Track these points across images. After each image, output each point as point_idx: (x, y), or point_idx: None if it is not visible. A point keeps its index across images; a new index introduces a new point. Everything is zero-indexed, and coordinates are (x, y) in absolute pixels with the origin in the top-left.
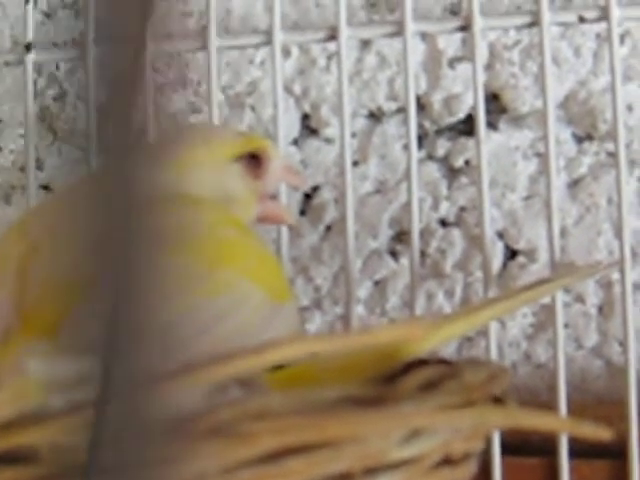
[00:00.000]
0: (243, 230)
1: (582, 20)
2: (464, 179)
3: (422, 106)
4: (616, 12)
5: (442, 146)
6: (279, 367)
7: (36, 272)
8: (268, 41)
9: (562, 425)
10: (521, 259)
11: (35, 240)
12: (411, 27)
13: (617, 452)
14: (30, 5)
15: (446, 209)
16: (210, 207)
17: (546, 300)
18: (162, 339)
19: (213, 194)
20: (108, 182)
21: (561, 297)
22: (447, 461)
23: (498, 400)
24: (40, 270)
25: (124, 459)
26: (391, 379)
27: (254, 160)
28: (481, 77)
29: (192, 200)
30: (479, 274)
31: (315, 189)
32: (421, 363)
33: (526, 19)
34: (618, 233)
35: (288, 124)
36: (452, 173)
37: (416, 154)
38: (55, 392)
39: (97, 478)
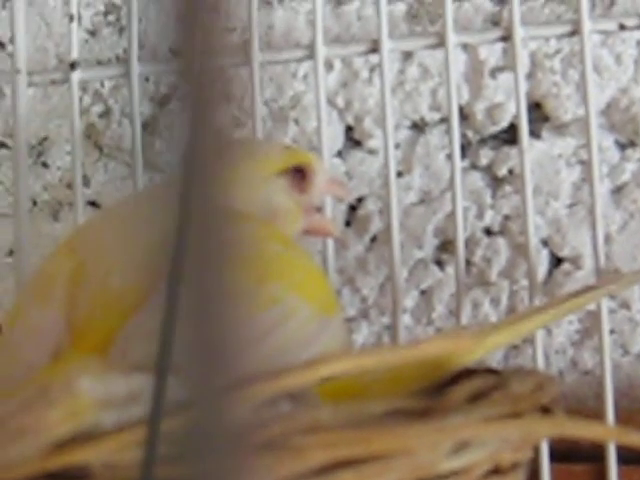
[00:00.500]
0: (289, 245)
1: (622, 28)
2: (508, 188)
3: (465, 116)
4: None
5: (485, 155)
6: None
7: (86, 289)
8: (311, 55)
9: (610, 434)
10: (566, 266)
11: (84, 257)
12: (452, 38)
13: None
14: (75, 23)
15: (490, 218)
16: (256, 222)
17: (591, 307)
18: (213, 354)
19: (259, 209)
20: (160, 198)
21: (606, 303)
22: (496, 471)
23: (546, 409)
24: (90, 287)
25: (185, 475)
26: (439, 390)
27: (299, 174)
28: (523, 86)
29: (239, 216)
30: (524, 282)
31: (360, 200)
32: (468, 373)
33: (567, 28)
34: None
35: (332, 136)
36: (496, 182)
37: (460, 164)
38: (107, 410)
39: None
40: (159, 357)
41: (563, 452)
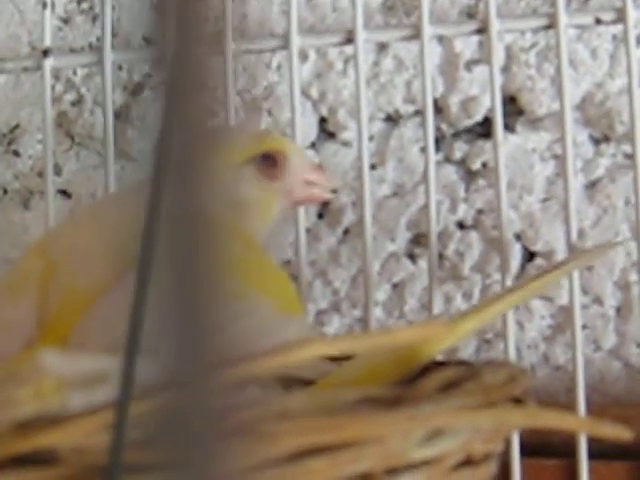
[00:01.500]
0: (251, 245)
1: (598, 22)
2: (481, 181)
3: (439, 109)
4: (632, 14)
5: (459, 149)
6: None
7: (55, 287)
8: (285, 45)
9: (582, 425)
10: (539, 261)
11: (54, 258)
12: (428, 30)
13: (636, 453)
14: (48, 11)
15: (464, 212)
16: (217, 221)
17: (564, 302)
18: (175, 342)
19: (227, 200)
20: (129, 201)
21: (579, 299)
22: (468, 462)
23: (518, 401)
24: (59, 286)
25: (151, 458)
26: (411, 381)
27: (269, 160)
28: (498, 80)
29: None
30: (497, 276)
31: (332, 192)
32: (440, 365)
33: (542, 21)
34: (635, 234)
35: (305, 128)
36: (469, 175)
37: (433, 157)
38: (75, 391)
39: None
40: (128, 339)
41: (534, 446)
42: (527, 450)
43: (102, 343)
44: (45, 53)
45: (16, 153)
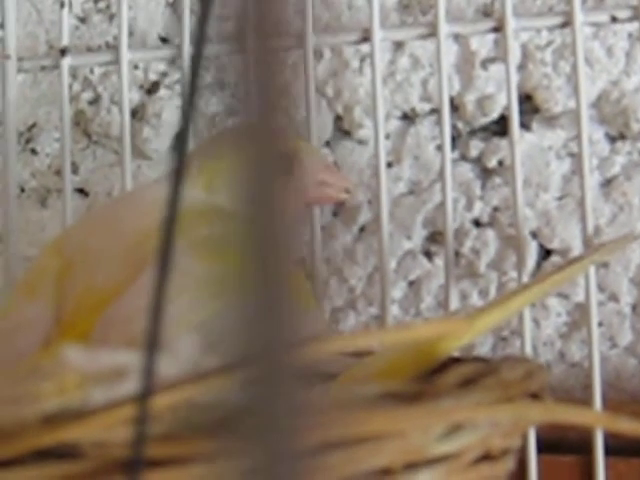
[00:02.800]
0: None
1: (614, 20)
2: (497, 179)
3: (455, 107)
4: None
5: (475, 147)
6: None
7: (72, 286)
8: (300, 44)
9: (599, 420)
10: (555, 258)
11: (70, 257)
12: (444, 29)
13: None
14: (65, 10)
15: (480, 209)
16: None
17: (580, 299)
18: (201, 339)
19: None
20: (145, 199)
21: (595, 296)
22: (486, 457)
23: (535, 396)
24: (76, 285)
25: (173, 452)
26: (429, 377)
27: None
28: (514, 78)
29: (219, 213)
30: (513, 274)
31: (346, 193)
32: (458, 361)
33: (558, 19)
34: None
35: (321, 126)
36: (485, 173)
37: (449, 155)
38: (97, 386)
39: (141, 473)
40: (147, 334)
41: (551, 443)
42: (544, 446)
43: (123, 339)
44: (62, 52)
45: (33, 151)
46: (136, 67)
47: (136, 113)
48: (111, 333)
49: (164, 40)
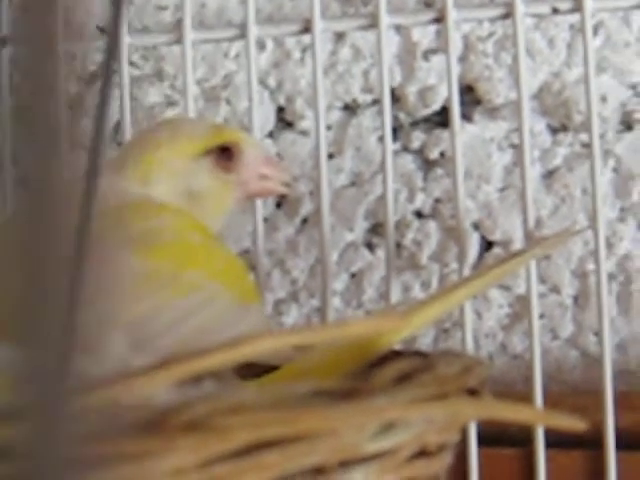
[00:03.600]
0: (208, 235)
1: (556, 11)
2: (439, 171)
3: (397, 98)
4: (589, 3)
5: (417, 138)
6: (261, 373)
7: None
8: (242, 34)
9: (537, 417)
10: (497, 250)
11: None
12: (385, 19)
13: (594, 442)
14: (5, 0)
15: (421, 201)
16: (174, 213)
17: (521, 290)
18: (132, 336)
19: (182, 191)
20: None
21: (536, 287)
22: (422, 453)
23: (473, 392)
24: None
25: (96, 455)
26: (365, 372)
27: (225, 153)
28: (455, 69)
29: (156, 206)
30: (455, 265)
31: (287, 186)
32: (395, 355)
33: (500, 11)
34: (593, 223)
35: (263, 117)
36: (427, 165)
37: (391, 146)
38: None
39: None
40: (63, 336)
41: (491, 436)
42: (484, 439)
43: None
44: (3, 42)
45: None
46: (74, 58)
47: (74, 104)
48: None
49: (103, 31)
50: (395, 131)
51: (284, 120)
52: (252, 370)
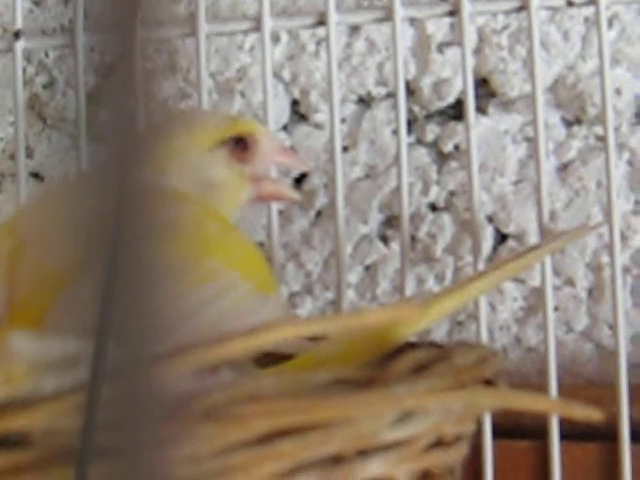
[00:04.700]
0: (227, 224)
1: (570, 4)
2: (454, 163)
3: (411, 91)
4: None
5: (432, 131)
6: (277, 361)
7: (24, 268)
8: (257, 27)
9: (553, 406)
10: (511, 243)
11: (23, 238)
12: (400, 12)
13: (608, 434)
14: None
15: (436, 194)
16: (193, 202)
17: (536, 283)
18: (152, 324)
19: (197, 182)
20: (100, 174)
21: (551, 280)
22: (439, 443)
23: (489, 382)
24: (28, 266)
25: (119, 441)
26: (382, 362)
27: (240, 144)
28: (470, 62)
29: (176, 196)
30: (469, 258)
31: (305, 175)
32: (412, 347)
33: (515, 3)
34: (607, 216)
35: (278, 110)
36: (442, 158)
37: (406, 139)
38: (46, 374)
39: (90, 461)
40: (99, 322)
41: (506, 428)
42: (499, 431)
43: (75, 326)
44: (17, 35)
45: None
46: (92, 50)
47: (92, 97)
48: (64, 320)
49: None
50: (410, 124)
51: (298, 113)
52: (268, 358)
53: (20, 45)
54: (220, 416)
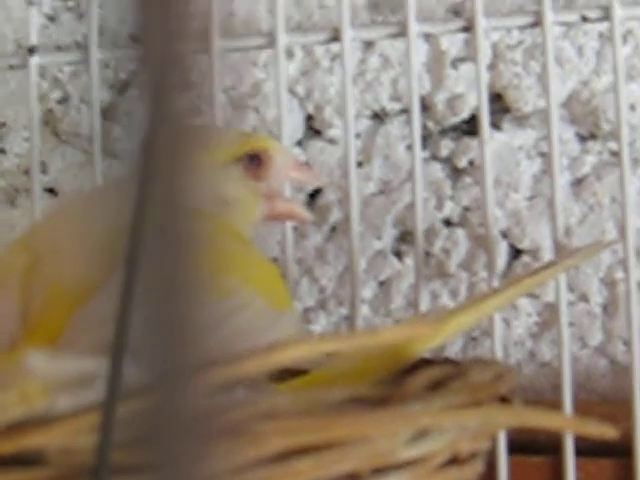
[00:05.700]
0: (243, 241)
1: (585, 20)
2: (468, 179)
3: (426, 106)
4: (618, 11)
5: (446, 146)
6: (291, 376)
7: (40, 283)
8: (271, 43)
9: (568, 423)
10: (525, 258)
11: (38, 253)
12: (414, 28)
13: (623, 450)
14: (34, 8)
15: (450, 209)
16: (210, 218)
17: (550, 299)
18: (167, 340)
19: (212, 199)
20: (117, 189)
21: (565, 296)
22: (454, 461)
23: (504, 399)
24: (43, 282)
25: (136, 460)
26: (398, 380)
27: (255, 160)
28: (484, 77)
29: (192, 212)
30: (484, 274)
31: (319, 190)
32: (427, 363)
33: (529, 19)
34: (622, 232)
35: (292, 125)
36: (456, 173)
37: (420, 154)
38: (62, 393)
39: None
40: (115, 340)
41: (521, 444)
42: (514, 447)
43: (92, 344)
44: (31, 51)
45: (2, 151)
46: (106, 66)
47: (106, 112)
48: (81, 337)
49: (134, 39)
50: (424, 139)
51: (313, 128)
52: (282, 373)
53: (34, 61)
54: (237, 433)
